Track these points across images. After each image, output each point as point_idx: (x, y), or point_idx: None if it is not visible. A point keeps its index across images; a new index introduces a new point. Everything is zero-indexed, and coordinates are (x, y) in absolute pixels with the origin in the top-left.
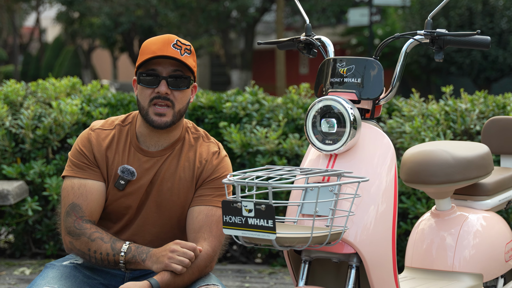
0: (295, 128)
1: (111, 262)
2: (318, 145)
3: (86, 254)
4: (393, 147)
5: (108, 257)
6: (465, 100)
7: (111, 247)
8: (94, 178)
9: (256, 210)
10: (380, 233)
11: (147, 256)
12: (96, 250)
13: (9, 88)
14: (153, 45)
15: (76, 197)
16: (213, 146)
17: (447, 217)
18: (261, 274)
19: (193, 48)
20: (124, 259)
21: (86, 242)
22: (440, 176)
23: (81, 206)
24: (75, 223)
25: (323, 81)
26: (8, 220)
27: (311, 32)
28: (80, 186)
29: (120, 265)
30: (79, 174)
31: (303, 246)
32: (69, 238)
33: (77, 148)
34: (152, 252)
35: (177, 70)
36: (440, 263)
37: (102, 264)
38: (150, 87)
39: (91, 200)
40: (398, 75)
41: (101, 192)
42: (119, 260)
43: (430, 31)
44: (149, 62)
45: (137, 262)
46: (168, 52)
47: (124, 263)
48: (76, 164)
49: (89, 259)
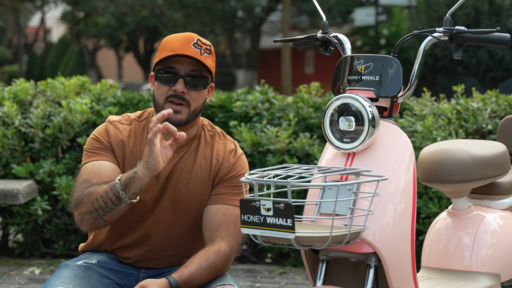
0: (306, 127)
1: (113, 199)
2: (336, 143)
3: (93, 211)
4: (412, 145)
5: (108, 195)
6: (477, 99)
7: (108, 185)
8: (108, 160)
9: (275, 209)
10: (399, 232)
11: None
12: (97, 197)
13: (18, 87)
14: (174, 43)
15: (88, 174)
16: (230, 144)
17: (464, 217)
18: (272, 274)
19: (213, 49)
20: (121, 186)
21: (88, 199)
22: (457, 175)
23: (91, 180)
24: (79, 192)
25: (341, 79)
26: (17, 219)
27: (328, 29)
28: (93, 165)
29: (121, 194)
30: (93, 158)
31: (322, 246)
32: (77, 211)
33: (92, 137)
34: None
35: (195, 70)
36: (457, 263)
37: (108, 208)
38: (167, 84)
39: (103, 175)
40: (417, 73)
41: (115, 170)
42: (117, 191)
43: (449, 28)
44: (168, 59)
45: (133, 179)
46: (188, 51)
47: (123, 190)
48: (91, 150)
49: (99, 216)
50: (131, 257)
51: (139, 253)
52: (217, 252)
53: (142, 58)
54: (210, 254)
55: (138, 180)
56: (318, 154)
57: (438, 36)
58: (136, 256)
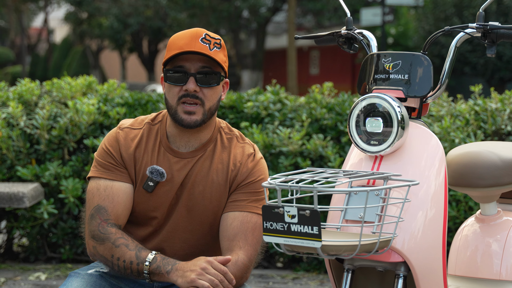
0: (319, 128)
1: (134, 272)
2: (363, 146)
3: (109, 260)
4: (443, 148)
5: (131, 266)
6: (495, 100)
7: (136, 255)
8: (121, 180)
9: (300, 215)
10: (430, 240)
11: (173, 269)
12: (120, 257)
13: (23, 88)
14: (180, 40)
15: (102, 199)
16: (248, 148)
17: (492, 222)
18: (284, 279)
19: (224, 42)
20: (148, 269)
21: (110, 248)
22: (487, 179)
23: (106, 208)
24: (99, 226)
25: (367, 78)
26: (22, 223)
27: (352, 25)
28: (106, 187)
29: (144, 275)
30: (105, 175)
31: (351, 255)
32: (92, 242)
33: (103, 148)
34: (178, 265)
35: (205, 67)
36: (485, 271)
37: (124, 273)
38: (178, 84)
39: (117, 202)
40: (448, 71)
41: (129, 194)
42: (143, 270)
43: (482, 24)
44: (177, 58)
45: (161, 274)
46: (196, 47)
47: (148, 274)
48: (102, 165)
49: (112, 266)
50: None
51: None
52: (235, 263)
53: (146, 59)
54: (227, 265)
55: (166, 278)
56: (332, 156)
57: (470, 32)
58: None
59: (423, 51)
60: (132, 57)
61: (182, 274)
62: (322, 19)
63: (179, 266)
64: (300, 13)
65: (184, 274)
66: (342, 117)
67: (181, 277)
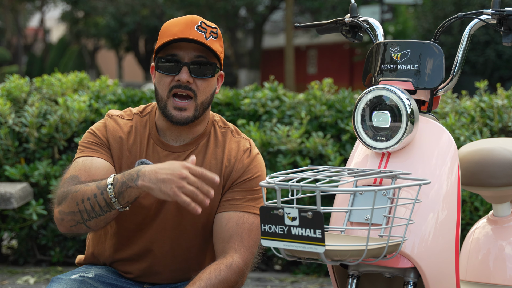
0: (319, 126)
1: (102, 205)
2: (369, 142)
3: (76, 212)
4: (455, 144)
5: (97, 199)
6: (501, 96)
7: (96, 186)
8: (102, 158)
9: (302, 218)
10: (441, 244)
11: (139, 175)
12: (83, 198)
13: (12, 84)
14: (175, 27)
15: (76, 170)
16: (244, 143)
17: (506, 224)
18: (283, 282)
19: (220, 32)
20: (114, 192)
21: (72, 197)
22: (501, 178)
23: (79, 176)
24: (64, 188)
25: (372, 69)
26: (11, 225)
27: (357, 13)
28: (84, 161)
29: (113, 203)
30: (86, 153)
31: (357, 261)
32: (58, 208)
33: (89, 131)
34: (146, 169)
35: (200, 56)
36: (498, 276)
37: (95, 213)
38: (170, 74)
39: (93, 174)
40: (460, 61)
41: (109, 171)
42: (109, 197)
43: (498, 10)
44: (169, 46)
45: (130, 188)
46: (191, 35)
47: (117, 197)
48: (85, 145)
49: (82, 218)
50: (133, 271)
51: (142, 267)
52: (229, 266)
53: (142, 58)
54: (221, 269)
55: (135, 190)
56: (332, 154)
57: (485, 18)
58: (138, 270)
59: (434, 39)
60: (128, 56)
61: (156, 181)
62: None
63: (146, 170)
64: (297, 11)
65: (160, 183)
66: (342, 114)
67: (156, 184)
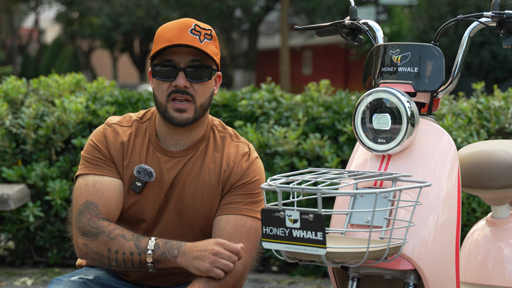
0: (316, 127)
1: (135, 263)
2: (369, 144)
3: (105, 256)
4: (455, 146)
5: (132, 257)
6: (498, 98)
7: (136, 245)
8: (111, 175)
9: (303, 220)
10: (442, 246)
11: (179, 252)
12: (118, 250)
13: (9, 85)
14: (168, 32)
15: (91, 195)
16: (243, 147)
17: (504, 226)
18: (280, 284)
19: (215, 33)
20: (152, 258)
21: (105, 241)
22: (500, 180)
23: (96, 204)
24: (90, 221)
25: (372, 72)
26: (8, 226)
27: (357, 15)
28: (95, 183)
29: (148, 265)
30: (93, 171)
31: (358, 263)
32: (83, 240)
33: (90, 144)
34: (185, 248)
35: (196, 60)
36: (497, 278)
37: (125, 266)
38: (167, 80)
39: (108, 197)
40: (460, 64)
41: (120, 190)
42: (146, 260)
43: (498, 13)
44: (165, 51)
45: (167, 260)
46: (185, 40)
47: (153, 263)
48: (90, 160)
49: (109, 263)
50: (133, 274)
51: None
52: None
53: (137, 59)
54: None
55: (173, 264)
56: (329, 156)
57: (485, 21)
58: (139, 273)
59: (434, 42)
60: (123, 57)
61: (192, 258)
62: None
63: (186, 249)
64: (292, 12)
65: (197, 258)
66: (339, 115)
67: (193, 261)
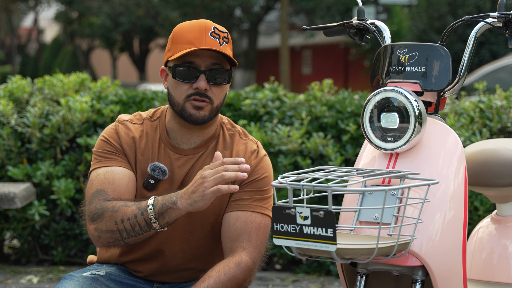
0: (319, 126)
1: (142, 225)
2: (377, 143)
3: (115, 231)
4: (462, 145)
5: (137, 220)
6: (500, 97)
7: (137, 207)
8: (122, 166)
9: (313, 217)
10: (449, 243)
11: (177, 197)
12: (123, 218)
13: (14, 85)
14: (189, 33)
15: (101, 183)
16: (252, 144)
17: (509, 223)
18: (284, 282)
19: (230, 35)
20: (154, 213)
21: (111, 216)
22: (505, 178)
23: (106, 190)
24: (97, 205)
25: (380, 71)
26: (13, 224)
27: (364, 16)
28: (106, 172)
29: (153, 223)
30: (105, 164)
31: (367, 259)
32: (93, 225)
33: (102, 139)
34: (181, 191)
35: (216, 64)
36: (502, 275)
37: (135, 233)
38: (188, 82)
39: (118, 185)
40: (467, 64)
41: (131, 179)
42: (149, 218)
43: (504, 13)
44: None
45: (169, 209)
46: (207, 43)
47: (157, 218)
48: (101, 154)
49: (121, 237)
50: (143, 270)
51: (152, 266)
52: (238, 265)
53: (137, 59)
54: (230, 267)
55: (176, 211)
56: (333, 155)
57: (491, 22)
58: (149, 269)
59: (441, 42)
60: (123, 56)
61: (189, 196)
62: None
63: (181, 192)
64: (292, 12)
65: (192, 194)
66: (342, 115)
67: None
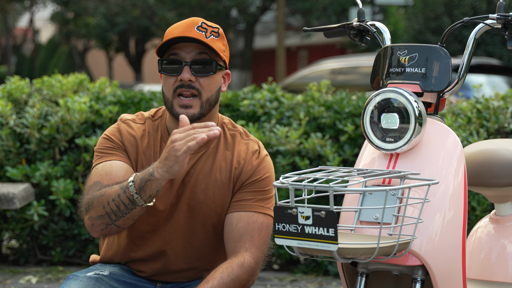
0: (317, 127)
1: (126, 202)
2: (378, 143)
3: (104, 215)
4: (461, 146)
5: (121, 198)
6: (497, 98)
7: (119, 186)
8: (120, 160)
9: (315, 217)
10: (449, 242)
11: (153, 168)
12: (108, 200)
13: (13, 85)
14: (176, 29)
15: (98, 176)
16: (253, 145)
17: (508, 223)
18: (282, 282)
19: (223, 31)
20: (135, 188)
21: (98, 202)
22: (503, 178)
23: (101, 182)
24: (89, 195)
25: (380, 72)
26: (12, 225)
27: (364, 17)
28: (104, 166)
29: (135, 198)
30: (104, 159)
31: (368, 258)
32: (87, 215)
33: (104, 137)
34: (156, 162)
35: (202, 53)
36: (500, 274)
37: (122, 213)
38: (173, 75)
39: (115, 175)
40: (466, 65)
41: (129, 173)
42: (131, 194)
43: (503, 15)
44: (171, 47)
45: (148, 181)
46: (191, 34)
47: (138, 193)
48: (102, 151)
49: (111, 220)
50: (146, 270)
51: (155, 266)
52: (241, 265)
53: (133, 59)
54: (233, 267)
55: (155, 182)
56: (331, 155)
57: (491, 23)
58: (152, 269)
59: (441, 44)
60: (118, 57)
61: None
62: (310, 18)
63: (157, 162)
64: (288, 12)
65: (166, 160)
66: (340, 115)
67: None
